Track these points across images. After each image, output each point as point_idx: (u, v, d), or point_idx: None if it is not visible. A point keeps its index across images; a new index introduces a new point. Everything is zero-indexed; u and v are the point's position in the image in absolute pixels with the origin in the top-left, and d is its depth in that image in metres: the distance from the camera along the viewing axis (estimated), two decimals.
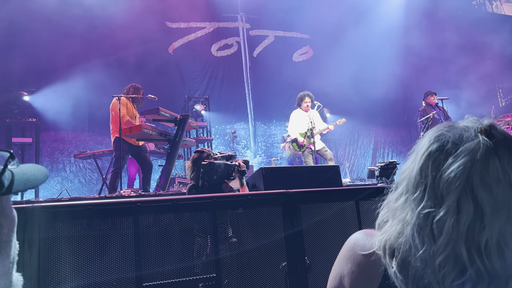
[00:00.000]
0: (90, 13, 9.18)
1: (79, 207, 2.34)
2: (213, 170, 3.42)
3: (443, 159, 0.89)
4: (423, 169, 0.92)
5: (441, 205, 0.87)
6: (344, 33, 11.62)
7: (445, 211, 0.86)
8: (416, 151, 0.97)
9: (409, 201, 0.94)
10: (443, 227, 0.86)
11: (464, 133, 0.90)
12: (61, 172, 9.30)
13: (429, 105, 7.61)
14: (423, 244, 0.88)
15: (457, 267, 0.85)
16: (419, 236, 0.89)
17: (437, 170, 0.89)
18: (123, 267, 2.31)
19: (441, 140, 0.92)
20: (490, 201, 0.83)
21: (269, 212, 2.72)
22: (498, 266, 0.83)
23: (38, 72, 9.02)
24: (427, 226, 0.88)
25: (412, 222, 0.91)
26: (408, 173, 0.97)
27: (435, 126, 0.98)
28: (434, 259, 0.86)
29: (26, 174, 0.89)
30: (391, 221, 0.99)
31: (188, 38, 11.31)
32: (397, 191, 0.99)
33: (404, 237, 0.92)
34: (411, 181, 0.94)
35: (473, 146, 0.86)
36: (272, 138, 11.97)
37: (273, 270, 2.63)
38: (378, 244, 0.98)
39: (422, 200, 0.90)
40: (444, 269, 0.86)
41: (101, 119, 9.31)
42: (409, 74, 11.96)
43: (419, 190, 0.92)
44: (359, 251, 1.01)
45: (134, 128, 5.64)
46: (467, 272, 0.84)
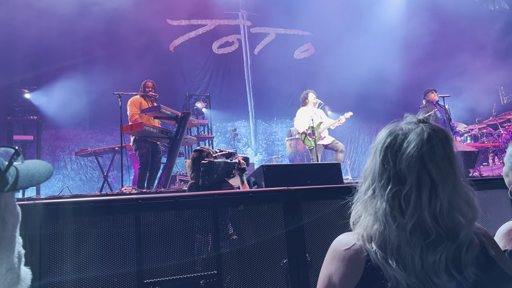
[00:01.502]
0: (91, 10, 9.16)
1: (80, 204, 2.34)
2: (212, 169, 3.43)
3: (399, 147, 1.09)
4: (384, 159, 1.11)
5: (405, 183, 1.06)
6: (346, 31, 11.60)
7: (409, 187, 1.05)
8: (374, 149, 1.16)
9: (377, 190, 1.11)
10: (409, 200, 1.05)
11: (408, 125, 1.13)
12: (63, 170, 9.32)
13: (430, 103, 7.59)
14: (394, 219, 1.05)
15: (424, 232, 1.03)
16: (391, 214, 1.06)
17: (395, 156, 1.09)
18: (125, 264, 2.31)
19: (393, 134, 1.13)
20: (439, 174, 1.05)
21: (270, 209, 2.72)
22: (450, 227, 1.04)
23: (39, 70, 9.03)
24: (396, 203, 1.06)
25: (383, 206, 1.07)
26: (371, 168, 1.15)
27: (385, 127, 1.18)
28: (406, 228, 1.03)
29: (31, 171, 0.90)
30: (364, 214, 1.14)
31: (189, 35, 11.29)
32: (364, 186, 1.16)
33: (378, 222, 1.08)
34: (376, 173, 1.12)
35: (419, 131, 1.09)
36: (273, 136, 11.96)
37: (274, 267, 2.63)
38: (356, 237, 1.13)
39: (389, 184, 1.08)
40: (414, 236, 1.03)
41: (102, 116, 9.34)
42: (410, 71, 11.92)
43: (384, 177, 1.10)
44: (341, 247, 1.13)
45: (135, 126, 5.64)
46: (431, 235, 1.03)
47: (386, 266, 1.03)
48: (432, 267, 1.02)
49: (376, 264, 1.05)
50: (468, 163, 5.21)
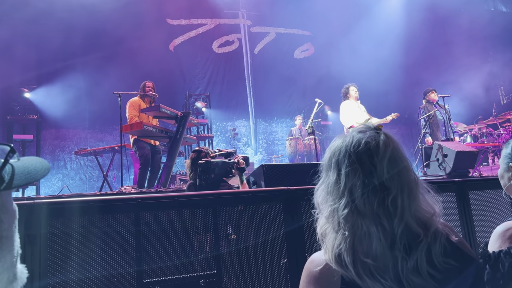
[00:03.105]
0: (91, 9, 9.16)
1: (80, 203, 2.34)
2: (209, 168, 3.42)
3: (375, 152, 1.09)
4: (362, 166, 1.09)
5: (390, 188, 1.06)
6: (346, 30, 11.59)
7: (395, 191, 1.06)
8: (341, 158, 1.13)
9: (359, 200, 1.06)
10: (396, 205, 1.05)
11: (369, 132, 1.14)
12: (62, 169, 9.31)
13: (429, 103, 7.58)
14: (383, 227, 1.04)
15: (409, 236, 1.05)
16: (379, 223, 1.04)
17: (373, 162, 1.08)
18: (124, 263, 2.31)
19: (359, 141, 1.11)
20: (410, 176, 1.10)
21: (270, 209, 2.72)
22: (423, 225, 1.07)
23: (39, 69, 9.02)
24: (384, 210, 1.05)
25: (368, 216, 1.05)
26: (343, 180, 1.10)
27: (336, 137, 1.20)
28: (395, 234, 1.04)
29: (27, 168, 0.89)
30: (333, 230, 1.10)
31: (189, 34, 11.29)
32: (338, 202, 1.10)
33: (354, 236, 1.05)
34: (352, 184, 1.08)
35: (385, 138, 1.11)
36: (273, 135, 11.96)
37: (274, 267, 2.63)
38: (328, 256, 1.09)
39: (375, 192, 1.06)
40: (402, 241, 1.03)
41: (102, 116, 9.34)
42: (410, 71, 11.93)
43: (365, 186, 1.07)
44: (314, 268, 1.11)
45: (135, 125, 5.64)
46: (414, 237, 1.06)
47: (363, 280, 1.02)
48: (413, 268, 1.02)
49: (351, 281, 1.04)
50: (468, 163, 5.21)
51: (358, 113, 7.21)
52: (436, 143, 5.56)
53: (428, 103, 7.59)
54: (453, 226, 3.32)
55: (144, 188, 5.72)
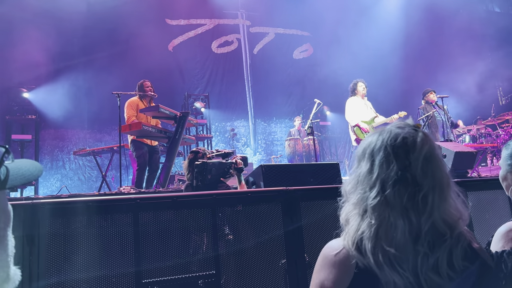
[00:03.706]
0: (89, 9, 9.16)
1: (78, 203, 2.34)
2: (206, 169, 3.42)
3: (411, 148, 1.11)
4: (397, 160, 1.10)
5: (422, 185, 1.07)
6: (345, 31, 11.60)
7: (427, 188, 1.08)
8: (376, 150, 1.14)
9: (389, 192, 1.08)
10: (427, 201, 1.07)
11: (406, 128, 1.14)
12: (61, 169, 9.30)
13: (428, 103, 7.58)
14: (410, 221, 1.05)
15: (435, 233, 1.07)
16: (406, 216, 1.06)
17: (408, 157, 1.10)
18: (123, 264, 2.31)
19: (396, 136, 1.13)
20: (442, 175, 1.12)
21: (269, 209, 2.72)
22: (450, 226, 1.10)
23: (37, 69, 9.00)
24: (413, 204, 1.07)
25: (396, 209, 1.07)
26: (376, 171, 1.12)
27: (374, 131, 1.20)
28: (421, 229, 1.05)
29: (21, 169, 0.90)
30: (357, 217, 1.13)
31: (188, 35, 11.28)
32: (373, 191, 1.11)
33: (381, 226, 1.07)
34: (383, 176, 1.10)
35: (423, 136, 1.13)
36: (272, 135, 11.96)
37: (273, 267, 2.63)
38: (346, 241, 1.13)
39: (406, 186, 1.08)
40: (427, 237, 1.06)
41: (101, 116, 9.33)
42: (409, 72, 11.94)
43: (397, 180, 1.08)
44: (331, 253, 1.13)
45: (134, 125, 5.63)
46: (440, 235, 1.09)
47: (383, 272, 1.04)
48: (433, 265, 1.05)
49: (367, 267, 1.06)
50: (467, 163, 5.21)
51: (364, 111, 7.07)
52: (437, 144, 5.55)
53: (427, 104, 7.59)
54: None
55: (142, 188, 5.71)
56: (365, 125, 6.96)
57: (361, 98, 7.20)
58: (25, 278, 2.03)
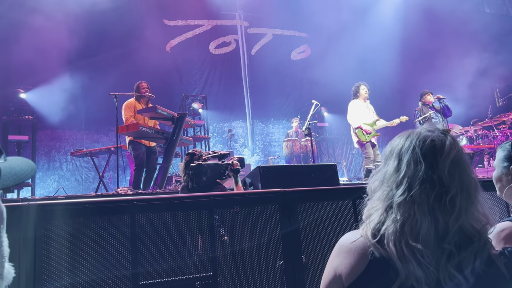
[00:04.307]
0: (87, 10, 9.13)
1: (75, 205, 2.33)
2: (201, 171, 3.41)
3: (440, 150, 1.13)
4: (426, 161, 1.12)
5: (449, 186, 1.09)
6: (342, 32, 11.62)
7: (455, 190, 1.09)
8: (404, 151, 1.17)
9: (416, 191, 1.10)
10: (454, 203, 1.09)
11: (435, 132, 1.17)
12: (58, 170, 9.27)
13: (425, 105, 7.60)
14: (437, 221, 1.08)
15: (462, 235, 1.09)
16: (433, 215, 1.08)
17: (437, 159, 1.12)
18: (120, 266, 2.30)
19: (426, 139, 1.16)
20: (470, 179, 1.14)
21: (266, 210, 2.72)
22: (478, 229, 1.12)
23: (34, 70, 8.97)
24: (440, 205, 1.09)
25: (424, 207, 1.09)
26: (404, 170, 1.14)
27: (404, 133, 1.24)
28: (448, 230, 1.08)
29: (14, 169, 0.89)
30: (382, 212, 1.15)
31: (186, 35, 11.28)
32: (396, 188, 1.14)
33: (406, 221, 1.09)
34: (412, 175, 1.12)
35: (451, 140, 1.15)
36: (269, 136, 11.97)
37: (270, 269, 2.63)
38: (364, 232, 1.15)
39: (433, 187, 1.10)
40: (454, 237, 1.08)
41: (98, 117, 9.31)
42: (407, 73, 11.96)
43: (424, 180, 1.10)
44: (348, 241, 1.17)
45: (131, 126, 5.62)
46: (467, 238, 1.11)
47: (405, 261, 1.06)
48: (457, 265, 1.07)
49: (383, 257, 1.08)
50: None
51: (365, 113, 7.19)
52: None
53: (424, 105, 7.61)
54: None
55: (139, 189, 5.70)
56: (367, 127, 7.05)
57: (363, 101, 7.32)
58: (22, 280, 2.02)
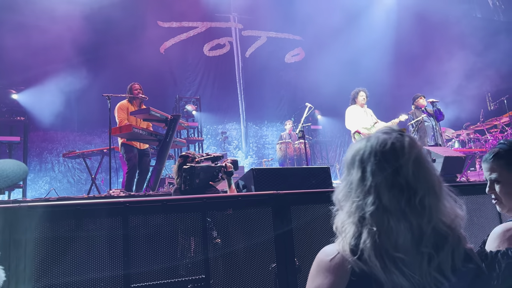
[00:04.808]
0: (80, 11, 9.09)
1: (67, 207, 2.31)
2: (194, 174, 3.40)
3: (400, 152, 1.12)
4: (387, 165, 1.11)
5: (416, 189, 1.09)
6: (336, 36, 11.67)
7: (423, 191, 1.09)
8: (365, 157, 1.15)
9: (385, 199, 1.09)
10: (424, 204, 1.08)
11: (393, 133, 1.15)
12: (50, 172, 9.19)
13: (418, 108, 7.65)
14: (411, 224, 1.06)
15: (437, 235, 1.08)
16: (406, 220, 1.07)
17: (398, 162, 1.11)
18: (112, 268, 2.28)
19: (384, 142, 1.14)
20: (434, 178, 1.13)
21: (259, 213, 2.72)
22: (450, 227, 1.11)
23: (27, 70, 8.91)
24: (411, 208, 1.08)
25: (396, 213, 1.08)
26: (367, 178, 1.12)
27: (361, 138, 1.21)
28: (423, 232, 1.06)
29: (6, 171, 0.88)
30: (351, 224, 1.12)
31: (180, 37, 11.26)
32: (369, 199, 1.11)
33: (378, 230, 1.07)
34: (377, 182, 1.10)
35: (409, 140, 1.14)
36: (263, 139, 11.97)
37: (263, 271, 2.62)
38: (341, 246, 1.12)
39: (402, 191, 1.09)
40: (430, 239, 1.07)
41: (91, 118, 9.25)
42: (399, 77, 12.04)
43: (391, 185, 1.09)
44: (326, 258, 1.12)
45: (124, 128, 5.59)
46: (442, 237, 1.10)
47: (389, 276, 1.04)
48: (436, 267, 1.06)
49: (364, 272, 1.06)
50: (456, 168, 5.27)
51: (363, 118, 7.29)
52: (424, 148, 5.62)
53: (417, 109, 7.65)
54: None
55: (132, 192, 5.67)
56: (365, 131, 7.16)
57: (361, 106, 7.42)
58: (12, 283, 2.00)
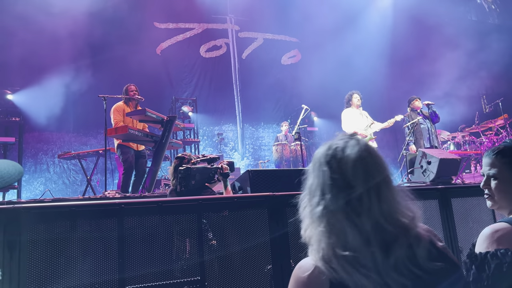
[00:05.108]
0: (76, 12, 9.06)
1: (62, 208, 2.30)
2: (190, 175, 3.40)
3: (342, 156, 1.16)
4: (330, 170, 1.15)
5: (355, 188, 1.11)
6: (332, 38, 11.70)
7: (360, 191, 1.11)
8: (316, 164, 1.20)
9: (328, 202, 1.12)
10: (362, 203, 1.10)
11: (343, 139, 1.21)
12: (45, 173, 9.15)
13: (414, 110, 7.67)
14: (354, 225, 1.08)
15: (380, 233, 1.09)
16: (348, 220, 1.09)
17: (340, 165, 1.15)
18: (107, 270, 2.27)
19: (332, 147, 1.19)
20: (380, 177, 1.14)
21: (255, 215, 2.72)
22: (398, 226, 1.11)
23: (22, 71, 8.87)
24: (351, 208, 1.10)
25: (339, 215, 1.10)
26: (317, 182, 1.17)
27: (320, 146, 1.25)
28: (365, 231, 1.07)
29: (1, 172, 0.88)
30: (316, 231, 1.13)
31: (177, 38, 11.25)
32: (314, 202, 1.16)
33: (334, 235, 1.09)
34: (323, 186, 1.14)
35: (355, 142, 1.18)
36: (259, 140, 11.97)
37: (258, 273, 2.62)
38: (315, 258, 1.12)
39: (339, 192, 1.11)
40: (374, 237, 1.07)
41: (86, 119, 9.22)
42: (396, 79, 12.09)
43: (333, 187, 1.12)
44: (303, 274, 1.12)
45: (120, 129, 5.57)
46: (387, 235, 1.10)
47: (351, 277, 1.05)
48: (393, 266, 1.06)
49: (340, 281, 1.06)
50: (451, 170, 5.29)
51: (359, 120, 7.39)
52: (420, 150, 5.64)
53: (412, 111, 7.68)
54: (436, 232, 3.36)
55: (128, 193, 5.65)
56: (362, 132, 7.24)
57: (356, 109, 7.50)
58: (5, 285, 1.99)
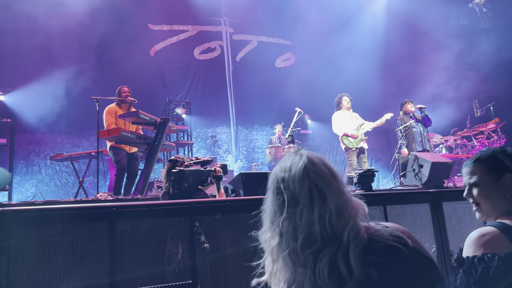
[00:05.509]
0: (69, 13, 9.01)
1: (52, 211, 2.28)
2: (183, 177, 3.38)
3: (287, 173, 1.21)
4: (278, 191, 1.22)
5: (299, 202, 1.16)
6: (326, 41, 11.76)
7: (303, 203, 1.16)
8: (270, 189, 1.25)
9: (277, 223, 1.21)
10: (302, 216, 1.15)
11: (290, 156, 1.24)
12: (37, 174, 9.07)
13: (406, 114, 7.72)
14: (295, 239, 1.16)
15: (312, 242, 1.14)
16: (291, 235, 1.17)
17: (286, 182, 1.20)
18: (98, 273, 2.26)
19: (279, 166, 1.25)
20: (324, 184, 1.18)
21: (248, 218, 2.71)
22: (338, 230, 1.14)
23: (14, 72, 8.80)
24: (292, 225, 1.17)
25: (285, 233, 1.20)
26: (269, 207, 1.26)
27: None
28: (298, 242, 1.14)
29: None
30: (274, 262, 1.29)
31: (171, 40, 11.23)
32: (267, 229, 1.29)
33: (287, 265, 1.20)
34: (274, 208, 1.24)
35: (299, 157, 1.22)
36: (253, 143, 11.97)
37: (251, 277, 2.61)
38: None
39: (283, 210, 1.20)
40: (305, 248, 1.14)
41: (79, 121, 9.15)
42: (389, 83, 12.16)
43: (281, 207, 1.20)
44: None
45: (113, 131, 5.54)
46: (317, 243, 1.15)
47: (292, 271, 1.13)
48: (324, 271, 1.10)
49: None
50: (443, 173, 5.32)
51: (349, 122, 7.48)
52: (412, 153, 5.68)
53: (405, 115, 7.73)
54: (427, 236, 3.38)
55: (120, 195, 5.62)
56: (353, 132, 7.35)
57: (346, 111, 7.59)
58: None
